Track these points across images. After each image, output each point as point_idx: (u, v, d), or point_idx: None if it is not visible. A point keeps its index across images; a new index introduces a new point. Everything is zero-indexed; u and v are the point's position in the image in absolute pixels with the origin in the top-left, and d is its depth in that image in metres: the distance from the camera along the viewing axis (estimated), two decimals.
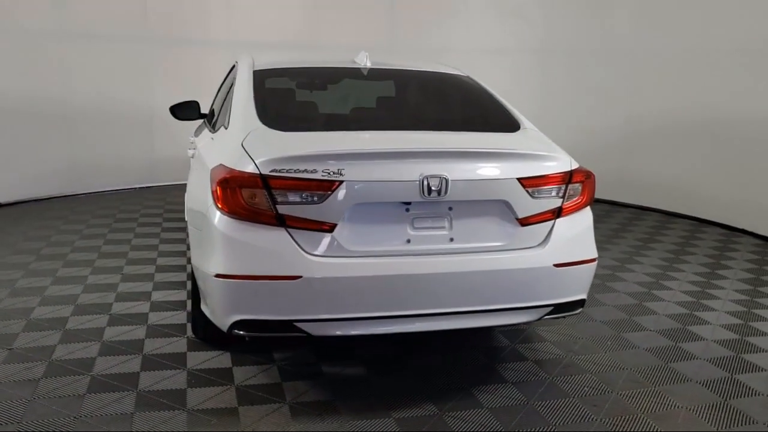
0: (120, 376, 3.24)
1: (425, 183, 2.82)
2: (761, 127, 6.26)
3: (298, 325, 2.82)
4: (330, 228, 2.81)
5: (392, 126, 3.37)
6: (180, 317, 4.02)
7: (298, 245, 2.79)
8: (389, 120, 3.55)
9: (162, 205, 7.36)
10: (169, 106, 5.51)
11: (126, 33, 8.08)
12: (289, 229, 2.80)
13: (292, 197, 2.79)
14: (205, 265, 2.96)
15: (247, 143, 2.99)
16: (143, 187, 8.40)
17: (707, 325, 4.14)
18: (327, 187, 2.77)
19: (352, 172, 2.78)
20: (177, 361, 3.43)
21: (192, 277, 3.43)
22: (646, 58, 7.40)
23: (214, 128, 3.81)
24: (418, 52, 8.47)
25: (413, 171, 2.83)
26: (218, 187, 2.85)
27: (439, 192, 2.83)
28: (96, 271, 4.86)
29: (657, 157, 7.38)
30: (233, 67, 4.67)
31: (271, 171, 2.78)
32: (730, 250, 6.02)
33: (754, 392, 3.27)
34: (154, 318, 3.99)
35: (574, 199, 3.11)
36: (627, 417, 3.01)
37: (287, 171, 2.77)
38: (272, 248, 2.79)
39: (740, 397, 3.22)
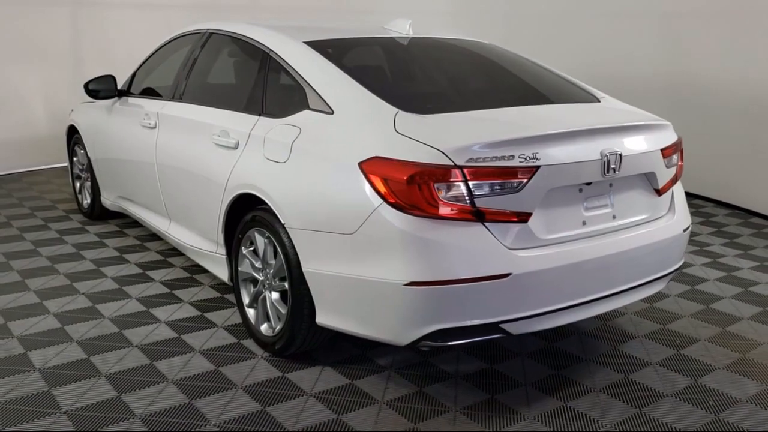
0: (253, 418, 2.70)
1: (606, 161, 2.73)
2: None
3: (503, 326, 2.60)
4: (526, 218, 2.60)
5: (513, 102, 3.16)
6: (222, 336, 3.43)
7: (499, 240, 2.55)
8: (502, 95, 3.33)
9: (18, 202, 6.07)
10: (84, 83, 4.65)
11: None
12: (487, 224, 2.54)
13: (491, 188, 2.53)
14: (376, 274, 2.57)
15: (406, 130, 2.63)
16: None
17: (695, 266, 4.62)
18: (526, 173, 2.56)
19: (546, 156, 2.60)
20: (284, 386, 2.96)
21: (294, 288, 2.93)
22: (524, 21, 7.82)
23: (263, 112, 3.24)
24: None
25: (595, 149, 2.73)
26: (405, 185, 2.47)
27: (614, 170, 2.77)
28: (45, 295, 3.90)
29: None
30: (203, 35, 4.05)
31: (467, 161, 2.49)
32: None
33: None
34: (196, 342, 3.36)
35: (680, 164, 3.25)
36: (736, 359, 3.28)
37: (484, 159, 2.50)
38: (475, 246, 2.52)
39: None
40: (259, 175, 3.08)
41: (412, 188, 2.49)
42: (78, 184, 5.64)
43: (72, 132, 5.56)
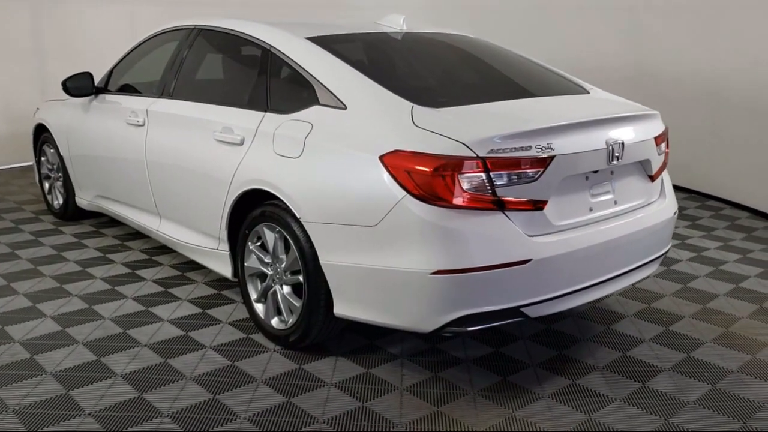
0: (282, 410, 2.74)
1: (611, 150, 2.88)
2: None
3: (523, 310, 2.71)
4: (543, 205, 2.73)
5: (514, 94, 3.26)
6: (230, 332, 3.45)
7: (518, 228, 2.66)
8: (503, 88, 3.43)
9: None
10: (62, 80, 4.56)
11: None
12: (507, 212, 2.65)
13: (510, 178, 2.64)
14: (401, 264, 2.65)
15: (424, 124, 2.71)
16: None
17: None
18: (542, 163, 2.68)
19: (559, 146, 2.72)
20: (303, 378, 3.01)
21: (310, 281, 2.98)
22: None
23: (268, 108, 3.25)
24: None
25: (601, 139, 2.87)
26: (429, 177, 2.56)
27: (618, 158, 2.92)
28: (37, 299, 3.83)
29: None
30: (191, 31, 4.03)
31: (488, 152, 2.59)
32: None
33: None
34: (205, 338, 3.37)
35: (666, 151, 3.44)
36: (721, 333, 3.50)
37: (503, 150, 2.61)
38: (497, 234, 2.62)
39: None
40: (270, 171, 3.11)
41: (436, 180, 2.57)
42: (47, 185, 5.50)
43: (39, 131, 5.42)
